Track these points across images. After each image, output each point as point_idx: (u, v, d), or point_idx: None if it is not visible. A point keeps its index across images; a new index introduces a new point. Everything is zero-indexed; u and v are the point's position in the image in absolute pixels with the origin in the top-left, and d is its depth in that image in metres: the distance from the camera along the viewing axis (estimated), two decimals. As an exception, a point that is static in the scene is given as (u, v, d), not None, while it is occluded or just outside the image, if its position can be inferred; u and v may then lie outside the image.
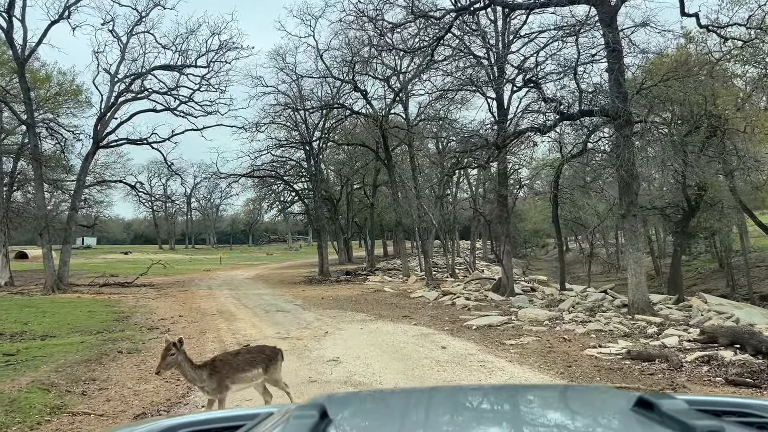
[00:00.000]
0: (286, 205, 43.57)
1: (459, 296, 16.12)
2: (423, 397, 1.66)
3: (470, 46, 17.05)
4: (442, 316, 13.13)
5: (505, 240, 17.10)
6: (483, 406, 1.49)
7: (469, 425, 1.28)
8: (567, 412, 1.43)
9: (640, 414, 1.20)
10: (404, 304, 15.94)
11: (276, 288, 23.48)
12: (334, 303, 16.92)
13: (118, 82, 23.00)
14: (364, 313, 14.20)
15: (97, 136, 22.32)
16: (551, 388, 2.33)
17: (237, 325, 12.53)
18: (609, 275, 48.66)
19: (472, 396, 1.63)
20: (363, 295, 19.34)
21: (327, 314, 14.13)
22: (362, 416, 1.41)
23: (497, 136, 15.12)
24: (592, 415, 1.38)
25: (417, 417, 1.39)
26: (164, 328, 12.43)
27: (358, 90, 22.66)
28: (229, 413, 1.73)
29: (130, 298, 19.67)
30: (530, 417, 1.38)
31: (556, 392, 1.83)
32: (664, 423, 1.10)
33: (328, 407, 1.21)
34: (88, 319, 13.47)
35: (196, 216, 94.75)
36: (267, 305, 16.51)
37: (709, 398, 1.77)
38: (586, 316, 11.33)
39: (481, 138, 14.52)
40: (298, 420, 1.13)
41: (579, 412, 1.41)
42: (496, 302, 15.09)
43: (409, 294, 18.77)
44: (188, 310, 15.76)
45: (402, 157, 33.26)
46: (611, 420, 1.32)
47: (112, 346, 9.86)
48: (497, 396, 1.63)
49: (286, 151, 31.08)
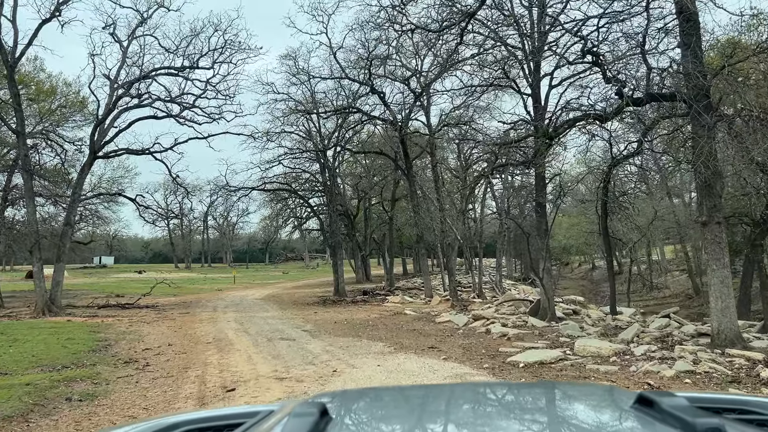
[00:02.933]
0: (302, 221, 41.75)
1: (493, 321, 13.83)
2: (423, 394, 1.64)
3: (501, 36, 14.97)
4: (477, 348, 10.86)
5: (545, 256, 14.80)
6: (484, 404, 1.47)
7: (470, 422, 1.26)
8: (567, 410, 1.41)
9: (641, 411, 1.19)
10: (429, 331, 13.70)
11: (286, 310, 21.38)
12: (348, 329, 14.75)
13: (118, 88, 21.36)
14: (383, 343, 12.00)
15: (94, 145, 20.63)
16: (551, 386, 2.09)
17: (230, 358, 10.42)
18: (641, 294, 45.62)
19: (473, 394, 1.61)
20: (381, 319, 17.13)
21: (338, 344, 11.96)
22: (362, 414, 1.40)
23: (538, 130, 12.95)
24: (592, 413, 1.37)
25: (418, 414, 1.37)
26: (144, 361, 10.39)
27: (376, 92, 20.68)
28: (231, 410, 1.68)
29: (125, 321, 17.73)
30: (531, 415, 1.35)
31: (557, 390, 1.77)
32: (664, 420, 1.10)
33: (329, 405, 1.22)
34: (61, 349, 11.49)
35: (213, 234, 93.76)
36: (271, 332, 14.40)
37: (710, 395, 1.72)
38: (662, 351, 8.97)
39: (528, 123, 12.32)
40: (299, 418, 1.12)
41: (579, 409, 1.41)
42: (538, 329, 12.77)
43: (434, 318, 16.50)
44: (181, 337, 13.72)
45: (422, 170, 31.19)
46: (612, 417, 1.31)
47: (64, 389, 7.81)
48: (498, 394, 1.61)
49: (299, 163, 29.26)
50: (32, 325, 15.51)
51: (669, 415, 1.10)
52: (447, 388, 1.93)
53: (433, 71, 20.07)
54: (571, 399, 1.51)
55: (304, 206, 36.93)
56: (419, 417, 1.35)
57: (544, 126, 10.29)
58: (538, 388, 1.83)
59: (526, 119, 14.07)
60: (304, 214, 40.79)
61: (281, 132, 24.84)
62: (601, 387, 1.76)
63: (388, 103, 21.33)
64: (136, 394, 7.73)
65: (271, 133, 24.65)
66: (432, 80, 20.80)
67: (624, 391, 1.47)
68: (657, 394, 1.21)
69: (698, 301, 35.87)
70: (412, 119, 22.62)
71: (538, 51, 12.93)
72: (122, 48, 21.64)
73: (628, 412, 1.23)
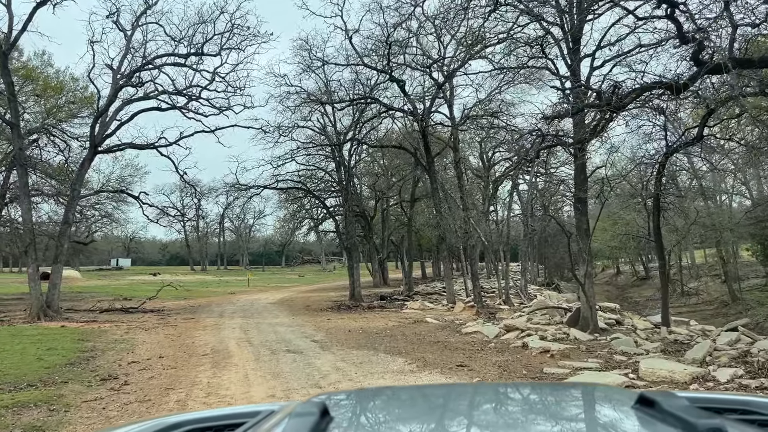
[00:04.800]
0: (317, 222, 40.29)
1: (530, 333, 12.08)
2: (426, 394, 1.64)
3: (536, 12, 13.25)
4: (515, 367, 9.16)
5: (588, 259, 13.02)
6: (485, 405, 1.44)
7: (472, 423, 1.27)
8: (569, 411, 1.41)
9: (642, 411, 1.19)
10: (456, 344, 12.00)
11: (298, 316, 19.84)
12: (363, 339, 13.13)
13: (121, 79, 20.05)
14: (403, 358, 10.35)
15: (95, 139, 19.33)
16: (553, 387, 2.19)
17: (223, 377, 8.86)
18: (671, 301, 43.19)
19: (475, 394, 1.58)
20: (400, 328, 15.48)
21: (351, 358, 10.34)
22: (363, 414, 1.40)
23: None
24: (593, 413, 1.36)
25: (419, 414, 1.36)
26: (125, 378, 8.88)
27: (395, 80, 19.06)
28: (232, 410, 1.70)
29: (123, 328, 16.33)
30: (533, 415, 1.34)
31: (558, 391, 1.75)
32: (665, 420, 1.09)
33: (329, 405, 1.21)
34: (34, 363, 10.05)
35: (230, 237, 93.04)
36: (277, 342, 12.84)
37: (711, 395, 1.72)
38: (757, 378, 7.17)
39: (588, 88, 10.51)
40: (299, 418, 1.12)
41: (581, 410, 1.41)
42: (584, 343, 11.00)
43: (460, 328, 14.80)
44: (177, 348, 12.23)
45: (444, 170, 29.49)
46: (613, 417, 1.30)
47: (8, 419, 6.31)
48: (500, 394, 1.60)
49: (314, 161, 27.76)
50: (17, 331, 14.15)
51: (670, 415, 1.09)
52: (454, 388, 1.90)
53: (458, 58, 18.42)
54: (572, 399, 1.48)
55: (319, 207, 35.54)
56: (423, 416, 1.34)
57: (609, 92, 8.60)
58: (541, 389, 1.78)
59: (582, 84, 12.15)
60: (319, 215, 39.33)
61: (294, 126, 23.34)
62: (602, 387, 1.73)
63: (409, 95, 19.69)
64: (96, 426, 6.21)
65: (283, 127, 23.16)
66: (456, 68, 19.14)
67: (625, 391, 1.45)
68: (658, 394, 1.21)
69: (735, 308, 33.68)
70: (433, 112, 20.95)
71: (582, 18, 11.20)
72: (126, 37, 20.35)
73: (630, 412, 1.22)
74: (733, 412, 1.45)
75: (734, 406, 1.49)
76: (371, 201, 40.32)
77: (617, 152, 16.02)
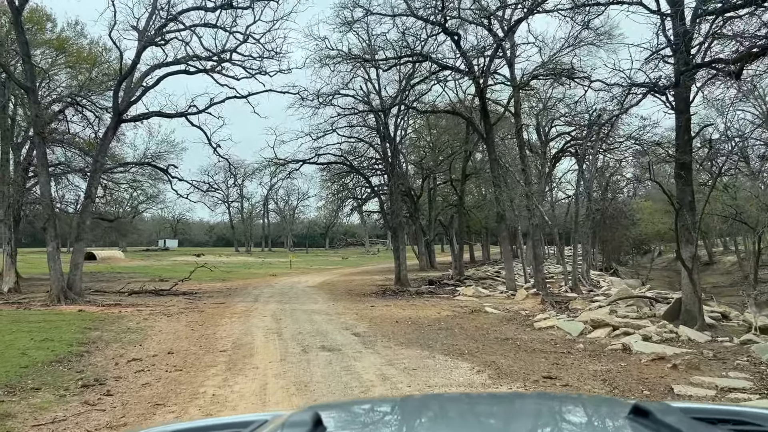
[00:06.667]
0: (360, 202, 38.26)
1: (626, 331, 9.54)
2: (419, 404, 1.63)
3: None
4: (626, 382, 6.71)
5: (694, 238, 10.32)
6: (480, 415, 1.41)
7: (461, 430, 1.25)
8: (563, 421, 1.37)
9: (636, 422, 1.17)
10: (531, 343, 9.60)
11: (338, 302, 17.81)
12: (414, 333, 10.90)
13: (145, 39, 18.23)
14: (468, 363, 8.06)
15: (118, 105, 17.63)
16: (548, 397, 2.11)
17: (235, 386, 6.79)
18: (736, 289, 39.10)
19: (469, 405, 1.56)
20: (456, 319, 13.18)
21: (401, 361, 8.13)
22: (356, 425, 1.38)
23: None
24: (586, 423, 1.35)
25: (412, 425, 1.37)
26: (112, 384, 6.95)
27: (449, 33, 16.50)
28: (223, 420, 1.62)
29: (145, 313, 14.67)
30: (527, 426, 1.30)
31: (553, 401, 1.70)
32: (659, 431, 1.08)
33: (323, 415, 1.19)
34: (15, 358, 8.27)
35: (275, 219, 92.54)
36: (312, 335, 10.76)
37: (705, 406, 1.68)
38: None
39: None
40: (292, 428, 1.11)
41: (575, 420, 1.39)
42: (704, 347, 8.41)
43: (530, 320, 12.37)
44: (193, 340, 10.31)
45: (501, 140, 26.73)
46: (606, 427, 1.29)
47: None
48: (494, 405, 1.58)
49: (355, 131, 25.55)
50: (21, 317, 12.58)
51: (664, 425, 1.08)
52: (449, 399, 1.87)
53: (522, 4, 15.66)
54: (566, 410, 1.47)
55: (363, 186, 33.50)
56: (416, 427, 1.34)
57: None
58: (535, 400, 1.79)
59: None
60: (363, 194, 37.22)
61: (334, 94, 21.10)
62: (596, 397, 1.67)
63: (465, 51, 17.07)
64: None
65: (323, 95, 20.97)
66: (520, 19, 16.41)
67: (620, 401, 1.45)
68: (652, 405, 1.20)
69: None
70: (492, 73, 18.26)
71: None
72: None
73: (624, 423, 1.21)
74: (727, 422, 1.41)
75: (727, 416, 1.44)
76: (417, 180, 37.89)
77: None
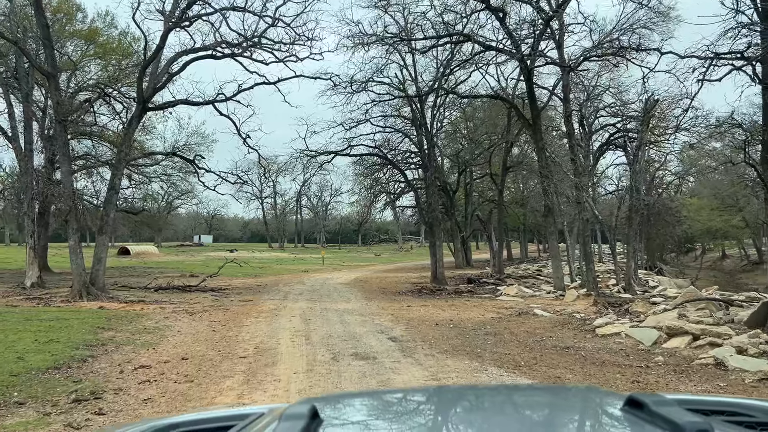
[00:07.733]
0: (394, 197, 37.11)
1: (713, 341, 8.06)
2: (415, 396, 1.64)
3: None
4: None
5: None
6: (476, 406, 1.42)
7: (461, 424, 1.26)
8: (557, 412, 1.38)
9: (630, 413, 1.18)
10: (597, 354, 8.22)
11: (372, 300, 16.66)
12: (457, 338, 9.64)
13: (173, 27, 17.39)
14: (527, 376, 6.78)
15: (143, 93, 16.84)
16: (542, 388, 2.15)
17: (251, 404, 5.67)
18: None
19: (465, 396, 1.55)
20: (503, 322, 11.85)
21: (448, 374, 6.89)
22: (354, 416, 1.38)
23: None
24: (582, 415, 1.35)
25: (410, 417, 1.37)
26: (107, 400, 5.92)
27: (493, 9, 15.10)
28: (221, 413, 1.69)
29: (168, 310, 13.84)
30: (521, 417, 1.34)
31: (547, 393, 1.74)
32: (653, 422, 1.09)
33: (319, 407, 1.19)
34: (10, 363, 7.35)
35: (308, 215, 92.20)
36: (343, 339, 9.61)
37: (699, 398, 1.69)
38: None
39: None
40: (289, 421, 1.10)
41: (569, 411, 1.39)
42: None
43: (587, 325, 10.94)
44: (212, 344, 9.28)
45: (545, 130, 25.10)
46: (601, 419, 1.30)
47: None
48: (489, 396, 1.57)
49: (390, 122, 24.36)
50: (34, 315, 11.78)
51: (658, 416, 1.09)
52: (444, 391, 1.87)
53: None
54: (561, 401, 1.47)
55: (396, 181, 32.36)
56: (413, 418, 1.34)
57: None
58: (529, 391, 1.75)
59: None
60: (396, 188, 36.06)
61: (368, 80, 19.93)
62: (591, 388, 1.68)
63: (510, 29, 15.64)
64: None
65: (356, 82, 19.83)
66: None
67: (614, 393, 1.43)
68: (646, 396, 1.20)
69: None
70: (539, 55, 16.74)
71: None
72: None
73: (618, 414, 1.22)
74: (721, 413, 1.43)
75: (722, 407, 1.47)
76: (452, 174, 36.45)
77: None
